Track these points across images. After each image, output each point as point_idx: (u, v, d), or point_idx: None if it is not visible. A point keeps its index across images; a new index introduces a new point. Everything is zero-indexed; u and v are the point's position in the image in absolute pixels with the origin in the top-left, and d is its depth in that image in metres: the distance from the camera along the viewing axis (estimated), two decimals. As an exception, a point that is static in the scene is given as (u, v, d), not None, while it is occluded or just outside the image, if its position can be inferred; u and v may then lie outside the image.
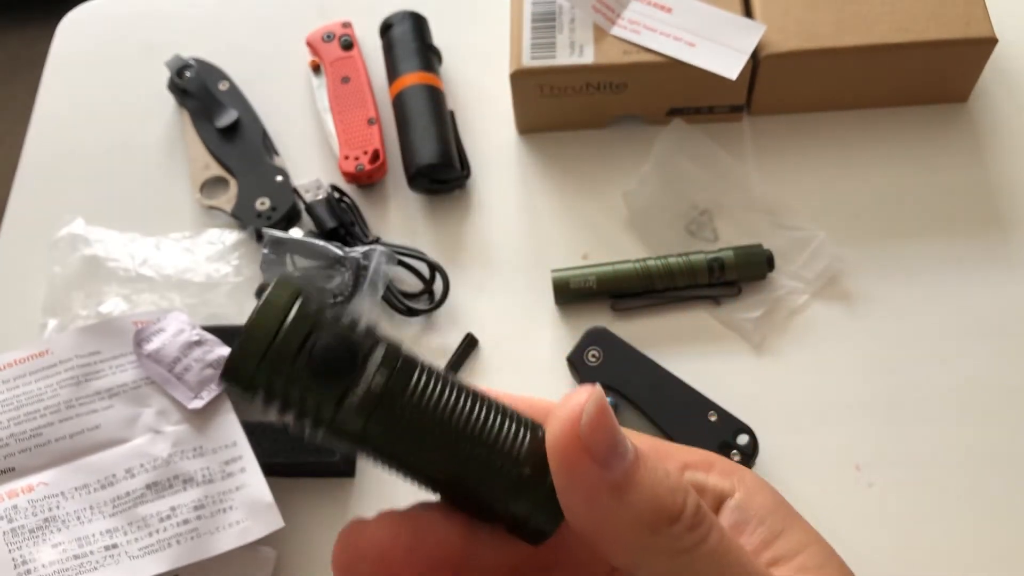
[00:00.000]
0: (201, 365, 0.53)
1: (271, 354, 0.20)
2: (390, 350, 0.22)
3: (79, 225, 0.63)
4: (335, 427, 0.21)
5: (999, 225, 0.59)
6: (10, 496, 0.50)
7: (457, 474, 0.22)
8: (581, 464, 0.20)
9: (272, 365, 0.20)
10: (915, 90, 0.62)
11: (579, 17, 0.61)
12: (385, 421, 0.21)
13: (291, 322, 0.20)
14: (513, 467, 0.22)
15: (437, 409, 0.21)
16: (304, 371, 0.21)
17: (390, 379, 0.21)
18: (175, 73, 0.67)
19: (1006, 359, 0.55)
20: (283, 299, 0.21)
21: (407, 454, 0.22)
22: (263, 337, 0.20)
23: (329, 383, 0.21)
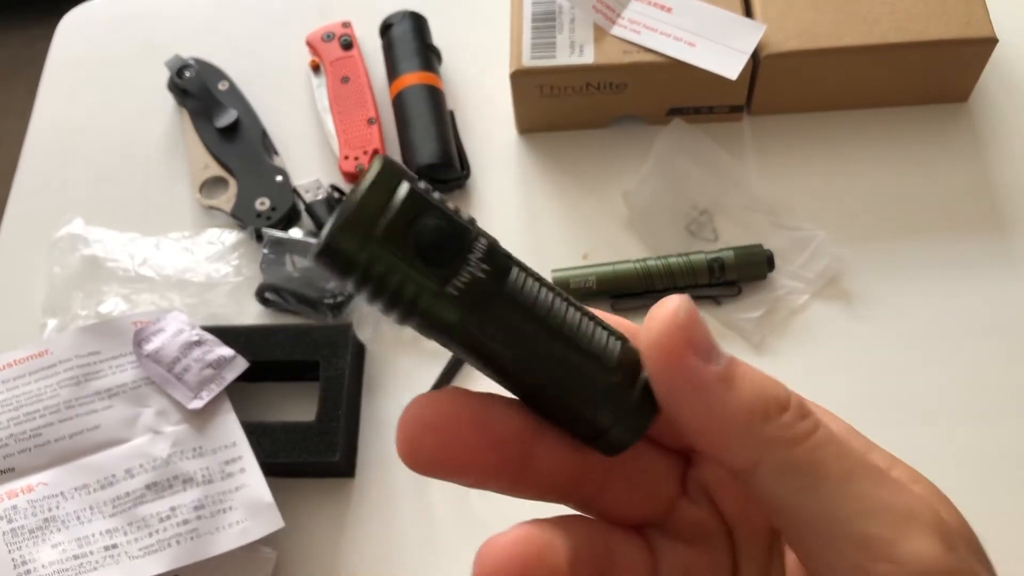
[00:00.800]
0: (201, 365, 0.53)
1: (379, 231, 0.20)
2: (493, 243, 0.21)
3: (79, 225, 0.63)
4: (431, 315, 0.21)
5: (999, 225, 0.59)
6: (10, 496, 0.50)
7: (547, 375, 0.21)
8: (687, 359, 0.20)
9: (379, 243, 0.20)
10: (915, 90, 0.62)
11: (579, 17, 0.61)
12: (482, 312, 0.21)
13: (402, 200, 0.20)
14: (603, 374, 0.21)
15: (534, 308, 0.21)
16: (411, 251, 0.20)
17: (492, 271, 0.21)
18: (175, 73, 0.67)
19: (1006, 359, 0.55)
20: (390, 178, 0.20)
21: (499, 351, 0.21)
22: (371, 213, 0.20)
23: (434, 265, 0.20)
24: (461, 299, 0.20)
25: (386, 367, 0.58)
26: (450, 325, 0.21)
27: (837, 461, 0.21)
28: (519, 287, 0.21)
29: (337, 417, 0.53)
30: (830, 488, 0.20)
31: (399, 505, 0.54)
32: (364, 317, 0.58)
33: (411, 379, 0.57)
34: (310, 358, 0.55)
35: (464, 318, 0.21)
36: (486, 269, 0.20)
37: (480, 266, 0.20)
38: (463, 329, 0.21)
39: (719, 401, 0.20)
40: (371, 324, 0.59)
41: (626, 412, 0.22)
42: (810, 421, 0.21)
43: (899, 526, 0.20)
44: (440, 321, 0.21)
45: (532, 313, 0.21)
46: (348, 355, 0.55)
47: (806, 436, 0.21)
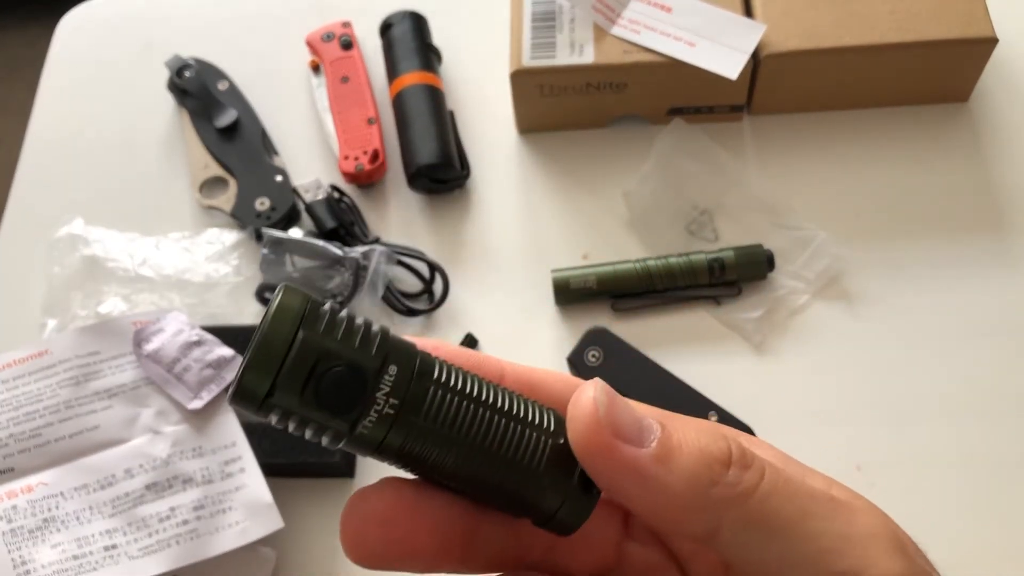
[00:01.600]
0: (200, 365, 0.53)
1: (278, 384, 0.20)
2: (402, 367, 0.21)
3: (78, 225, 0.63)
4: (353, 443, 0.21)
5: (999, 225, 0.59)
6: (9, 496, 0.50)
7: (483, 480, 0.22)
8: (617, 451, 0.20)
9: (281, 394, 0.20)
10: (915, 90, 0.62)
11: (579, 17, 0.61)
12: (401, 437, 0.21)
13: (297, 350, 0.20)
14: (537, 471, 0.22)
15: (455, 424, 0.21)
16: (313, 400, 0.20)
17: (403, 403, 0.21)
18: (175, 73, 0.67)
19: (1006, 359, 0.55)
20: (289, 315, 0.20)
21: (426, 465, 0.21)
22: (269, 366, 0.20)
23: (340, 412, 0.20)
24: (373, 434, 0.21)
25: (386, 367, 0.58)
26: (372, 449, 0.21)
27: (790, 504, 0.21)
28: (436, 406, 0.21)
29: (337, 417, 0.53)
30: (790, 534, 0.20)
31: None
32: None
33: (411, 379, 0.57)
34: (310, 358, 0.55)
35: (384, 446, 0.21)
36: (395, 404, 0.21)
37: (389, 401, 0.21)
38: (385, 450, 0.21)
39: (660, 483, 0.20)
40: (371, 324, 0.59)
41: (569, 499, 0.22)
42: (755, 469, 0.21)
43: (863, 554, 0.20)
44: (363, 447, 0.21)
45: (452, 429, 0.21)
46: (348, 355, 0.54)
47: (755, 487, 0.20)
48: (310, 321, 0.20)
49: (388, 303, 0.59)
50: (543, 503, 0.22)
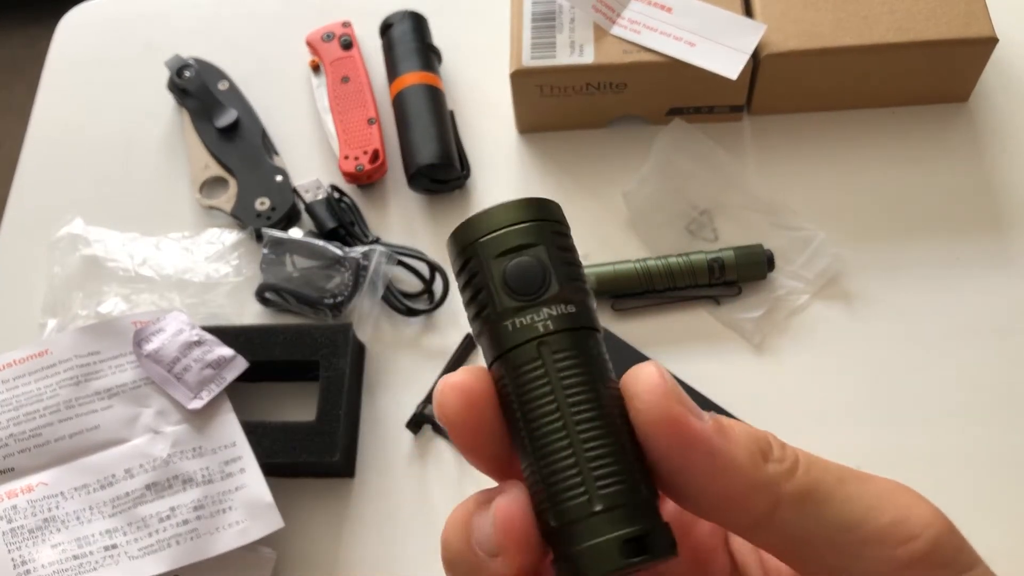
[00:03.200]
0: (201, 365, 0.53)
1: (492, 238, 0.22)
2: (578, 314, 0.22)
3: (79, 225, 0.63)
4: (492, 329, 0.22)
5: (999, 225, 0.59)
6: (9, 496, 0.50)
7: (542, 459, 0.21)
8: (687, 422, 0.21)
9: (479, 249, 0.22)
10: (915, 90, 0.62)
11: (579, 17, 0.61)
12: (517, 364, 0.22)
13: (516, 229, 0.22)
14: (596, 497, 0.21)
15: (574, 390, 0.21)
16: (496, 272, 0.22)
17: (557, 331, 0.22)
18: (175, 73, 0.67)
19: (1006, 359, 0.55)
20: (532, 209, 0.23)
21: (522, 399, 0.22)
22: (488, 224, 0.22)
23: (512, 292, 0.22)
24: (509, 336, 0.22)
25: (386, 367, 0.58)
26: (502, 351, 0.22)
27: (827, 475, 0.22)
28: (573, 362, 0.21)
29: (337, 417, 0.53)
30: (835, 502, 0.21)
31: (399, 505, 0.54)
32: (364, 317, 0.58)
33: (411, 379, 0.57)
34: (310, 358, 0.55)
35: (513, 352, 0.22)
36: (548, 328, 0.22)
37: (546, 323, 0.22)
38: (509, 364, 0.22)
39: (723, 453, 0.21)
40: (371, 324, 0.59)
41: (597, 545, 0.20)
42: (790, 450, 0.22)
43: (900, 506, 0.22)
44: (494, 343, 0.22)
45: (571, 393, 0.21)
46: (348, 355, 0.55)
47: (796, 465, 0.22)
48: (553, 222, 0.23)
49: (388, 303, 0.59)
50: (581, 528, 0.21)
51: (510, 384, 0.22)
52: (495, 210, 0.23)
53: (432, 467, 0.55)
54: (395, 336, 0.59)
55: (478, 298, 0.22)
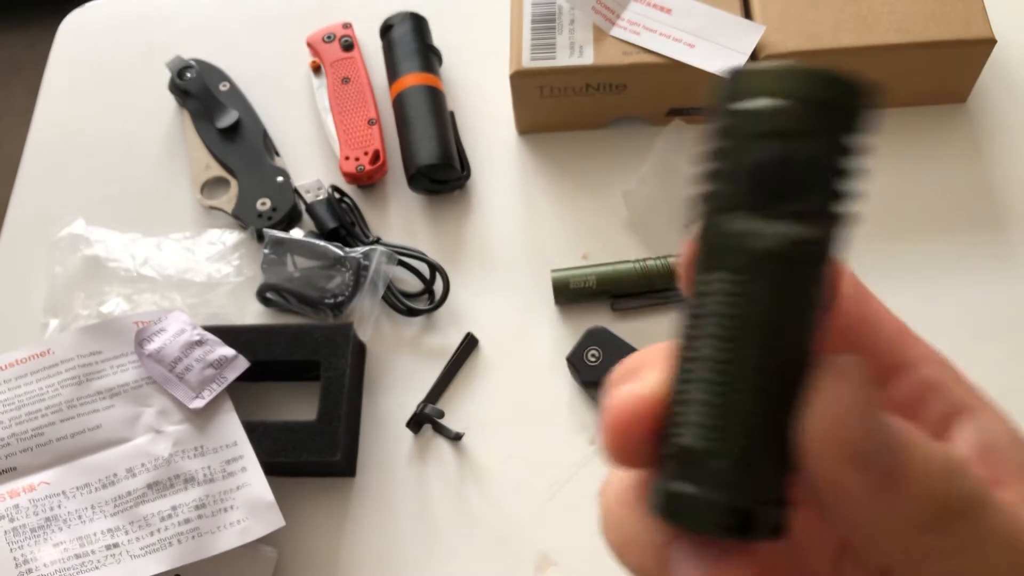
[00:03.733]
0: (202, 365, 0.53)
1: (751, 108, 0.17)
2: (819, 245, 0.18)
3: (80, 225, 0.63)
4: (703, 218, 0.18)
5: (999, 225, 0.59)
6: (11, 495, 0.50)
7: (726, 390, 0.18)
8: (841, 479, 0.17)
9: (742, 116, 0.17)
10: (914, 90, 0.62)
11: (579, 18, 0.61)
12: (718, 266, 0.18)
13: (798, 110, 0.17)
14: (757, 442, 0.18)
15: (753, 331, 0.17)
16: (747, 152, 0.17)
17: (767, 257, 0.17)
18: (176, 74, 0.67)
19: (1007, 359, 0.55)
20: (833, 90, 0.17)
21: (701, 314, 0.18)
22: (769, 86, 0.17)
23: (751, 187, 0.17)
24: (732, 243, 0.17)
25: (387, 367, 0.58)
26: (705, 254, 0.18)
27: (1009, 563, 0.18)
28: (790, 288, 0.18)
29: (338, 417, 0.53)
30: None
31: (399, 504, 0.54)
32: (364, 317, 0.59)
33: (411, 379, 0.57)
34: (311, 358, 0.55)
35: (718, 262, 0.18)
36: (782, 245, 0.17)
37: (783, 235, 0.17)
38: (704, 259, 0.18)
39: (873, 514, 0.18)
40: (371, 324, 0.59)
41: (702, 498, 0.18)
42: (980, 521, 0.18)
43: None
44: (706, 243, 0.18)
45: (757, 334, 0.18)
46: (349, 355, 0.55)
47: (972, 541, 0.18)
48: (846, 119, 0.17)
49: (388, 303, 0.59)
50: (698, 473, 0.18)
51: (710, 290, 0.18)
52: (785, 73, 0.17)
53: (432, 467, 0.55)
54: (395, 336, 0.59)
55: (714, 169, 0.18)
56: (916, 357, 0.23)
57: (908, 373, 0.23)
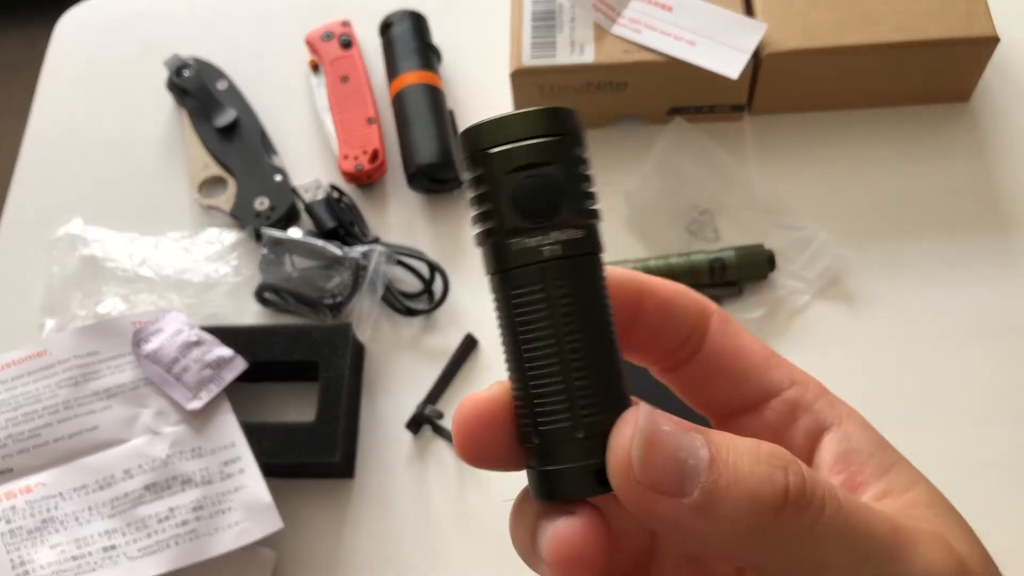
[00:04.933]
0: (200, 365, 0.53)
1: (496, 152, 0.21)
2: (586, 239, 0.22)
3: (77, 225, 0.63)
4: (495, 248, 0.21)
5: (1000, 225, 0.59)
6: (8, 497, 0.50)
7: (534, 384, 0.21)
8: (653, 503, 0.19)
9: (492, 160, 0.21)
10: (916, 89, 0.62)
11: (579, 16, 0.61)
12: (517, 285, 0.21)
13: (532, 145, 0.21)
14: (576, 421, 0.21)
15: (572, 315, 0.21)
16: (506, 188, 0.21)
17: (561, 257, 0.21)
18: (174, 72, 0.67)
19: (1006, 359, 0.55)
20: (551, 121, 0.21)
21: (516, 324, 0.21)
22: (504, 134, 0.21)
23: (521, 211, 0.21)
24: (511, 257, 0.21)
25: (386, 367, 0.58)
26: (493, 271, 0.22)
27: (844, 547, 0.20)
28: (564, 294, 0.21)
29: (337, 417, 0.53)
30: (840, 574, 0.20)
31: (399, 505, 0.54)
32: (363, 317, 0.58)
33: (411, 379, 0.57)
34: (309, 358, 0.55)
35: (513, 273, 0.21)
36: (556, 253, 0.21)
37: (552, 247, 0.21)
38: (507, 284, 0.21)
39: (700, 533, 0.19)
40: (371, 324, 0.59)
41: (572, 469, 0.21)
42: (812, 510, 0.19)
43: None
44: (495, 261, 0.22)
45: (568, 317, 0.21)
46: (348, 355, 0.54)
47: (807, 530, 0.19)
48: (571, 137, 0.21)
49: (388, 303, 0.59)
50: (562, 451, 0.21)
51: (507, 301, 0.22)
52: (513, 119, 0.21)
53: (432, 467, 0.55)
54: (395, 336, 0.59)
55: (484, 209, 0.22)
56: (782, 381, 0.25)
57: (776, 397, 0.25)
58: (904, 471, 0.23)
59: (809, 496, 0.19)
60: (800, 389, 0.25)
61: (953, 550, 0.21)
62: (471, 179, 0.22)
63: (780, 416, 0.25)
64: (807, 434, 0.24)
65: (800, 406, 0.25)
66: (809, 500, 0.19)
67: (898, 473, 0.23)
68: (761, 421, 0.25)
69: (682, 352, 0.25)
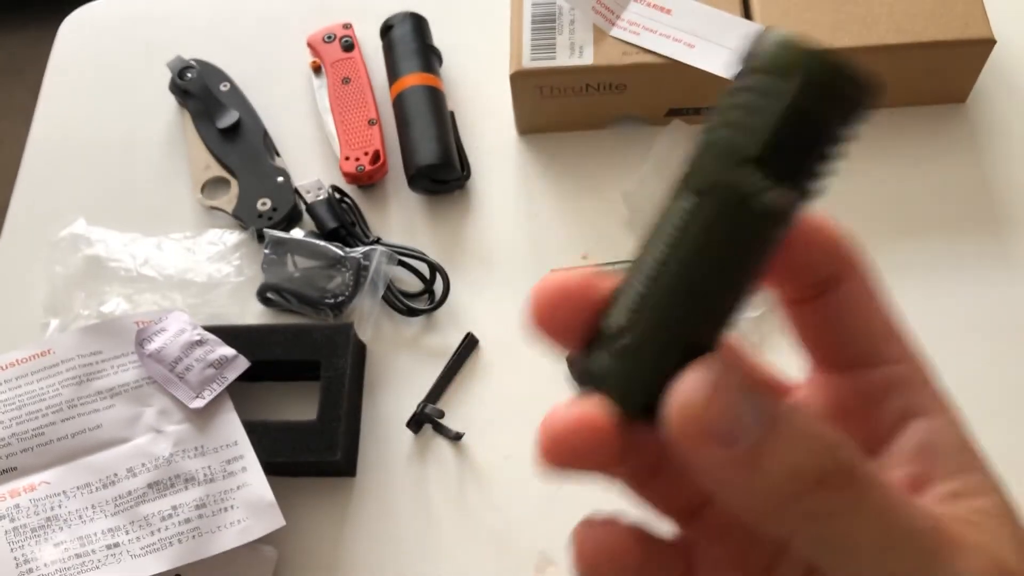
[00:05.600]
0: (202, 365, 0.53)
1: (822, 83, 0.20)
2: (793, 207, 0.21)
3: (81, 225, 0.63)
4: (708, 163, 0.21)
5: (998, 225, 0.59)
6: (12, 495, 0.50)
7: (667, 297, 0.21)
8: (701, 450, 0.19)
9: (808, 89, 0.20)
10: (914, 91, 0.62)
11: (579, 18, 0.61)
12: (718, 209, 0.21)
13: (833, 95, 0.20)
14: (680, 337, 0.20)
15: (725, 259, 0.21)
16: (772, 117, 0.20)
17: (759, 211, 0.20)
18: (176, 74, 0.67)
19: (1005, 359, 0.55)
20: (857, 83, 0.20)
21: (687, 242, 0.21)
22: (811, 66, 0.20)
23: (774, 150, 0.20)
24: (734, 177, 0.20)
25: (387, 367, 0.58)
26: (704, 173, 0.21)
27: (874, 533, 0.19)
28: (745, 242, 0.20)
29: (338, 416, 0.53)
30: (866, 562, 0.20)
31: (399, 504, 0.54)
32: (365, 317, 0.59)
33: (412, 378, 0.57)
34: (311, 358, 0.55)
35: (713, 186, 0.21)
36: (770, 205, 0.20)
37: (773, 199, 0.20)
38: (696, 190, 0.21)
39: (739, 486, 0.19)
40: (372, 324, 0.59)
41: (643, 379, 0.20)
42: (851, 491, 0.19)
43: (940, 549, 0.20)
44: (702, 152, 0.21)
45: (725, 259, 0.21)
46: (349, 355, 0.55)
47: (839, 511, 0.19)
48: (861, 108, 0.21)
49: (388, 303, 0.59)
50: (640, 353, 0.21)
51: (690, 212, 0.21)
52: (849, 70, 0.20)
53: (432, 467, 0.55)
54: (395, 336, 0.59)
55: (734, 113, 0.20)
56: (894, 354, 0.24)
57: (882, 367, 0.24)
58: (982, 477, 0.23)
59: (847, 476, 0.19)
60: (909, 369, 0.24)
61: (998, 565, 0.20)
62: (749, 75, 0.20)
63: (877, 387, 0.24)
64: (897, 415, 0.23)
65: (901, 384, 0.24)
66: (848, 480, 0.19)
67: (975, 477, 0.23)
68: (856, 385, 0.24)
69: (810, 290, 0.24)
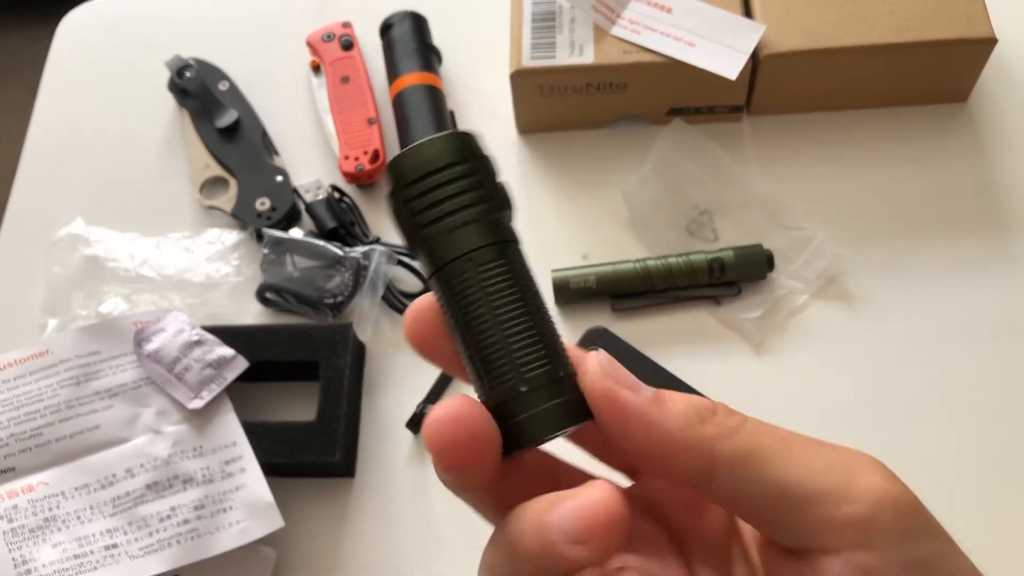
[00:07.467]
0: (201, 365, 0.53)
1: (405, 189, 0.25)
2: (495, 231, 0.25)
3: (79, 225, 0.63)
4: (423, 250, 0.25)
5: (999, 225, 0.59)
6: (10, 496, 0.50)
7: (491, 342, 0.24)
8: (620, 393, 0.23)
9: (400, 195, 0.25)
10: (915, 90, 0.62)
11: (579, 17, 0.61)
12: (452, 275, 0.25)
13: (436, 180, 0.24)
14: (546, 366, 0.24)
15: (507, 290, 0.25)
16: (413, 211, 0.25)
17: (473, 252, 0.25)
18: (175, 73, 0.67)
19: (1006, 359, 0.55)
20: (458, 150, 0.25)
21: (457, 311, 0.25)
22: (416, 168, 0.24)
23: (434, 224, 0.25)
24: (442, 252, 0.25)
25: (386, 367, 0.58)
26: (432, 265, 0.25)
27: (774, 439, 0.24)
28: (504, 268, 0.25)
29: (337, 417, 0.53)
30: (778, 462, 0.23)
31: (399, 505, 0.54)
32: (364, 317, 0.58)
33: (411, 379, 0.57)
34: (310, 358, 0.55)
35: (440, 269, 0.25)
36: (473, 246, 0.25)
37: (468, 242, 0.25)
38: (450, 273, 0.25)
39: (657, 418, 0.23)
40: (371, 324, 0.59)
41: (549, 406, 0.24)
42: (738, 415, 0.24)
43: (847, 472, 0.23)
44: (423, 259, 0.25)
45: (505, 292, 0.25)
46: (348, 355, 0.55)
47: (740, 426, 0.24)
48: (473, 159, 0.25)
49: (388, 303, 0.59)
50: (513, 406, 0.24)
51: (449, 294, 0.25)
52: (421, 152, 0.25)
53: (432, 467, 0.55)
54: (395, 336, 0.59)
55: (418, 219, 0.25)
56: None
57: None
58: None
59: (732, 409, 0.24)
60: None
61: (873, 458, 0.24)
62: (397, 207, 0.25)
63: None
64: None
65: None
66: (733, 410, 0.24)
67: None
68: None
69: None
